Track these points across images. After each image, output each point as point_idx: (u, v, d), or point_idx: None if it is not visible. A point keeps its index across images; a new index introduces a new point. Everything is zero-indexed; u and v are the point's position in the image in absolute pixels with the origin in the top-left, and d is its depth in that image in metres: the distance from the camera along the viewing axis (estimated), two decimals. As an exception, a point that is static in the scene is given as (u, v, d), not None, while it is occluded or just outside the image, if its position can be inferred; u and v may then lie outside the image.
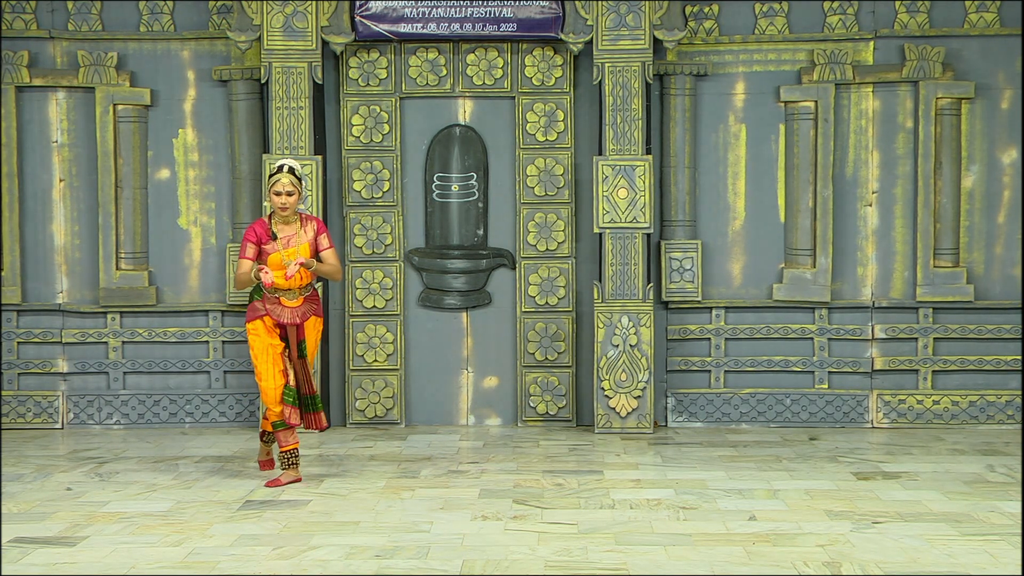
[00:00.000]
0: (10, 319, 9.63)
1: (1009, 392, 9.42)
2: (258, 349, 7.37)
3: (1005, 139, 9.42)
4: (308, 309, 7.41)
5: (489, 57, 9.48)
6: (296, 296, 7.36)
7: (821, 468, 7.85)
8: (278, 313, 7.33)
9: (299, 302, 7.38)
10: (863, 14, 9.44)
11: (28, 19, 9.55)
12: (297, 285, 7.34)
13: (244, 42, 9.20)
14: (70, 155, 9.63)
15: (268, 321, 7.35)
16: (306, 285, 7.40)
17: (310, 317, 7.42)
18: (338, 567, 5.59)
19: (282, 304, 7.34)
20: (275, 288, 7.30)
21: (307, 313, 7.40)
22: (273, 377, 7.35)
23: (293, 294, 7.35)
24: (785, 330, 9.54)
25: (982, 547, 5.85)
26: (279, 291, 7.33)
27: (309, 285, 7.44)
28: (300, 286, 7.36)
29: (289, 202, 7.29)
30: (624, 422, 9.18)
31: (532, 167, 9.52)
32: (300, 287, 7.36)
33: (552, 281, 9.55)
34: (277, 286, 7.29)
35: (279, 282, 7.27)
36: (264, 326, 7.35)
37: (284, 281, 7.28)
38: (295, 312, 7.36)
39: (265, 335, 7.35)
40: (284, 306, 7.35)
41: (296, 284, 7.33)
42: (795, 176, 9.46)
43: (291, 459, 7.43)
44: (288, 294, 7.34)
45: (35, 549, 5.94)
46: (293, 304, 7.36)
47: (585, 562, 5.63)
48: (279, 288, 7.31)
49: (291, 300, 7.35)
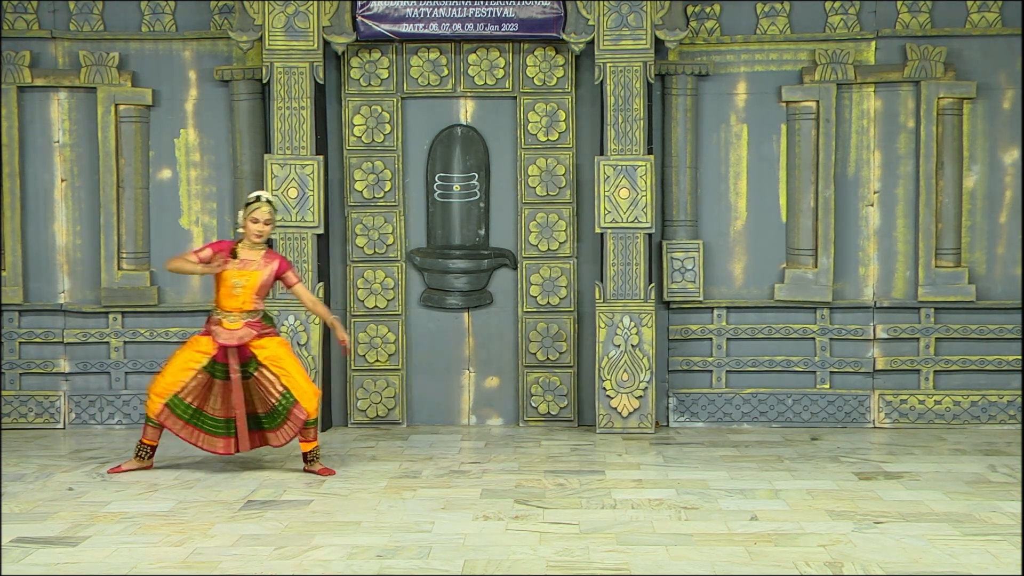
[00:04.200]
0: (12, 319, 9.63)
1: (1011, 392, 9.42)
2: (180, 352, 7.73)
3: (1007, 139, 9.41)
4: (248, 334, 7.64)
5: (491, 57, 9.49)
6: (237, 320, 7.64)
7: (823, 468, 7.85)
8: (218, 333, 7.63)
9: (239, 326, 7.64)
10: (865, 14, 9.43)
11: (30, 19, 9.56)
12: (239, 308, 7.61)
13: (246, 42, 9.21)
14: (72, 155, 9.63)
15: (209, 343, 7.65)
16: (252, 311, 7.66)
17: (251, 340, 7.64)
18: (340, 567, 5.59)
19: (223, 326, 7.64)
20: (220, 309, 7.65)
21: (245, 337, 7.63)
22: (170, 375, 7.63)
23: (234, 318, 7.64)
24: (787, 330, 9.54)
25: (984, 547, 5.85)
26: (223, 312, 7.64)
27: (257, 313, 7.69)
28: (243, 310, 7.62)
29: (265, 231, 7.66)
30: (626, 422, 9.18)
31: (534, 167, 9.52)
32: (243, 311, 7.62)
33: (554, 281, 9.55)
34: (222, 307, 7.63)
35: (224, 303, 7.62)
36: (203, 342, 7.68)
37: (228, 301, 7.61)
38: (232, 334, 7.62)
39: (193, 352, 7.66)
40: (224, 328, 7.63)
41: (239, 307, 7.61)
42: (797, 176, 9.46)
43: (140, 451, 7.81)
44: (229, 317, 7.63)
45: (37, 549, 5.94)
46: (232, 327, 7.63)
47: (586, 562, 5.63)
48: (224, 309, 7.63)
49: (232, 323, 7.64)
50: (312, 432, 7.72)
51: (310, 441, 7.73)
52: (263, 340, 7.67)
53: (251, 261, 7.67)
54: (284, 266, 7.77)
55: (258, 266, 7.68)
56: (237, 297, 7.62)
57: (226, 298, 7.63)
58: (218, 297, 7.68)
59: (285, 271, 7.75)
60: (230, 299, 7.63)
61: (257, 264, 7.68)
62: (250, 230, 7.65)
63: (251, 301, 7.65)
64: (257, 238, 7.66)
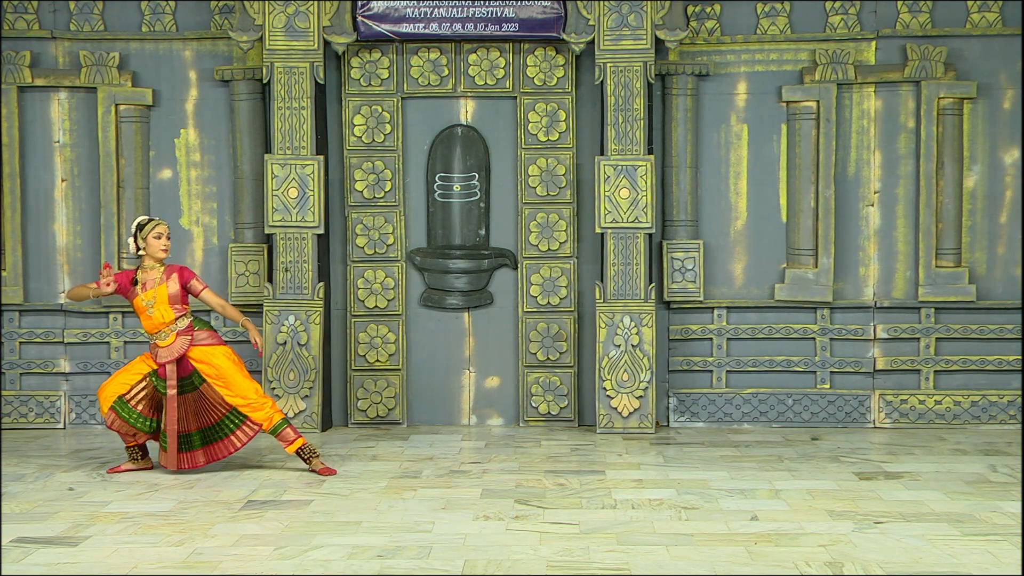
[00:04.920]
0: (12, 319, 9.64)
1: (1011, 392, 9.42)
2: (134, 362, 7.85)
3: (1007, 139, 9.41)
4: (183, 343, 7.69)
5: (491, 57, 9.48)
6: (167, 335, 7.70)
7: (823, 468, 7.85)
8: (158, 355, 7.71)
9: (172, 339, 7.70)
10: (865, 14, 9.43)
11: (30, 19, 9.56)
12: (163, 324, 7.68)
13: (246, 42, 9.21)
14: (72, 155, 9.63)
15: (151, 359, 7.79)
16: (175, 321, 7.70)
17: (189, 348, 7.68)
18: (340, 567, 5.59)
19: (157, 346, 7.72)
20: (149, 334, 7.76)
21: (183, 347, 7.68)
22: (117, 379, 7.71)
23: (164, 334, 7.71)
24: (787, 330, 9.54)
25: (984, 547, 5.85)
26: (152, 335, 7.75)
27: (179, 321, 7.72)
28: (167, 324, 7.68)
29: (168, 245, 7.77)
30: (626, 422, 9.18)
31: (534, 167, 9.52)
32: (167, 325, 7.69)
33: (554, 281, 9.55)
34: (147, 330, 7.75)
35: (146, 326, 7.75)
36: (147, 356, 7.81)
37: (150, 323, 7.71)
38: (170, 350, 7.68)
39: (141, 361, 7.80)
40: (160, 347, 7.71)
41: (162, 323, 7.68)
42: (797, 176, 9.46)
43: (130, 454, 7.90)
44: (159, 335, 7.72)
45: (37, 549, 5.94)
46: (166, 343, 7.70)
47: (587, 562, 5.63)
48: (150, 333, 7.75)
49: (163, 340, 7.71)
50: (289, 433, 7.72)
51: (292, 442, 7.73)
52: (202, 351, 7.68)
53: (152, 280, 7.71)
54: (187, 275, 7.77)
55: (161, 281, 7.71)
56: (154, 316, 7.67)
57: (147, 322, 7.70)
58: (145, 326, 7.75)
59: (189, 280, 7.76)
60: (150, 321, 7.69)
61: (159, 280, 7.71)
62: (155, 247, 7.69)
63: (169, 313, 7.68)
64: (164, 253, 7.71)
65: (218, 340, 7.81)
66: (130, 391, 7.71)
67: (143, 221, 7.76)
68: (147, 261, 7.74)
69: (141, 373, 7.73)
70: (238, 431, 7.69)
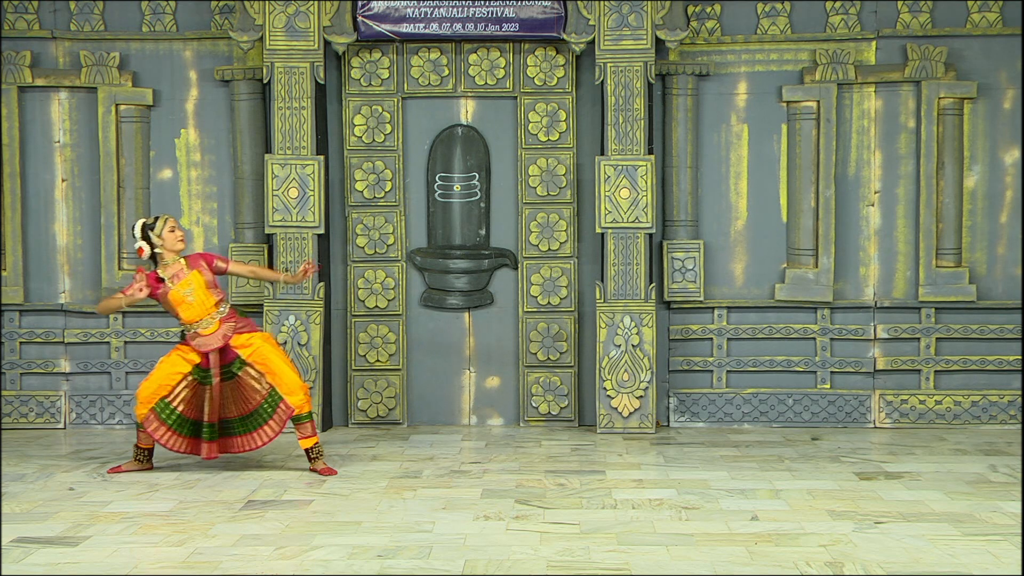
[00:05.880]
0: (12, 319, 9.64)
1: (1011, 392, 9.41)
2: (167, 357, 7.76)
3: (1007, 139, 9.41)
4: (228, 329, 7.69)
5: (491, 57, 9.48)
6: (210, 323, 7.69)
7: (823, 468, 7.85)
8: (200, 344, 7.68)
9: (216, 326, 7.69)
10: (865, 14, 9.43)
11: (30, 19, 9.56)
12: (205, 313, 7.66)
13: (246, 42, 9.21)
14: (72, 155, 9.63)
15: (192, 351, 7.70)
16: (217, 307, 7.70)
17: (233, 336, 7.68)
18: (340, 567, 5.59)
19: (200, 335, 7.69)
20: (189, 324, 7.70)
21: (228, 333, 7.68)
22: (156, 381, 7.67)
23: (206, 322, 7.69)
24: (787, 330, 9.54)
25: (984, 547, 5.85)
26: (193, 325, 7.70)
27: (222, 308, 7.73)
28: (209, 312, 7.67)
29: (183, 236, 7.74)
30: (626, 422, 9.18)
31: (534, 167, 9.52)
32: (209, 312, 7.68)
33: (554, 281, 9.55)
34: (189, 320, 7.68)
35: (188, 316, 7.67)
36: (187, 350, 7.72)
37: (191, 312, 7.66)
38: (213, 337, 7.66)
39: (178, 358, 7.71)
40: (202, 336, 7.69)
41: (205, 312, 7.66)
42: (797, 176, 9.46)
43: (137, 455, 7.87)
44: (201, 323, 7.69)
45: (37, 549, 5.94)
46: (210, 331, 7.68)
47: (587, 562, 5.63)
48: (192, 322, 7.69)
49: (206, 328, 7.69)
50: (308, 427, 7.72)
51: (308, 437, 7.73)
52: (243, 338, 7.69)
53: (180, 271, 7.68)
54: (210, 257, 7.80)
55: (190, 270, 7.69)
56: (195, 304, 7.65)
57: (189, 311, 7.65)
58: (181, 317, 7.70)
59: (212, 261, 7.77)
60: (191, 310, 7.66)
61: (185, 270, 7.69)
62: (172, 240, 7.67)
63: (210, 298, 7.67)
64: (182, 244, 7.70)
65: (256, 327, 7.84)
66: (171, 392, 7.69)
67: (150, 221, 7.72)
68: (167, 257, 7.69)
69: (180, 374, 7.69)
70: (272, 420, 7.67)
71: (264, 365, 7.67)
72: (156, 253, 7.70)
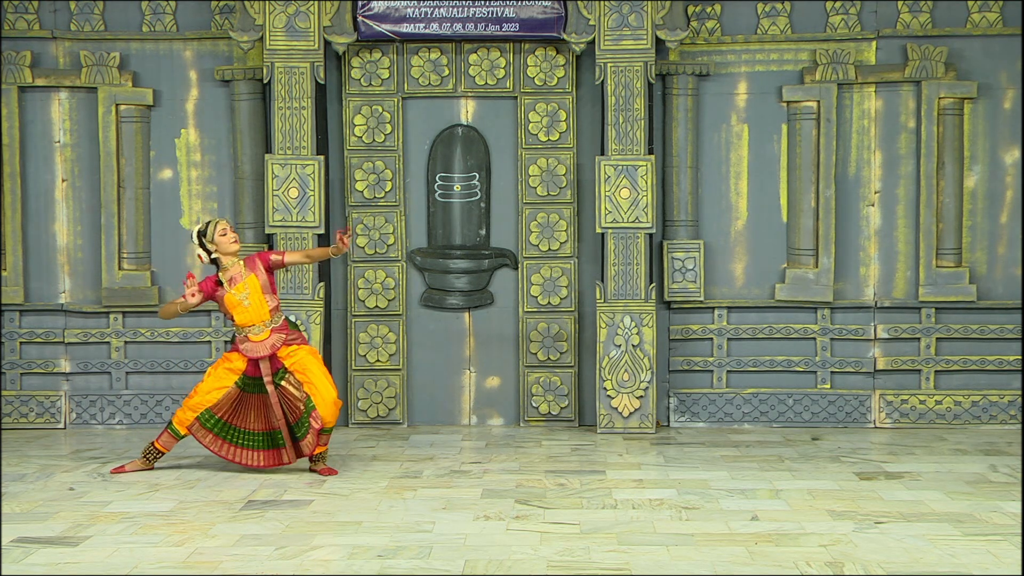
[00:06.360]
0: (12, 319, 9.64)
1: (1011, 392, 9.41)
2: (214, 369, 7.83)
3: (1007, 139, 9.41)
4: (278, 340, 7.72)
5: (491, 57, 9.48)
6: (262, 331, 7.70)
7: (823, 468, 7.85)
8: (248, 349, 7.71)
9: (267, 335, 7.71)
10: (865, 14, 9.43)
11: (31, 19, 9.56)
12: (259, 318, 7.68)
13: (246, 42, 9.21)
14: (72, 155, 9.63)
15: (240, 358, 7.74)
16: (272, 319, 7.73)
17: (281, 347, 7.71)
18: (340, 567, 5.59)
19: (250, 340, 7.72)
20: (241, 327, 7.71)
21: (276, 344, 7.70)
22: (203, 393, 7.76)
23: (258, 329, 7.71)
24: (787, 330, 9.54)
25: (984, 547, 5.85)
26: (245, 329, 7.71)
27: (276, 318, 7.75)
28: (263, 318, 7.69)
29: (237, 237, 7.76)
30: (626, 422, 9.18)
31: (534, 167, 9.52)
32: (263, 319, 7.69)
33: (554, 281, 9.55)
34: (242, 324, 7.70)
35: (242, 319, 7.68)
36: (234, 357, 7.77)
37: (245, 316, 7.67)
38: (263, 344, 7.70)
39: (225, 367, 7.78)
40: (251, 341, 7.71)
41: (259, 317, 7.67)
42: (797, 176, 9.46)
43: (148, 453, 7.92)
44: (253, 330, 7.71)
45: (37, 549, 5.94)
46: (260, 338, 7.71)
47: (587, 562, 5.63)
48: (244, 326, 7.70)
49: (257, 335, 7.71)
50: (325, 438, 7.76)
51: (322, 446, 7.75)
52: (290, 349, 7.71)
53: (238, 274, 7.71)
54: (264, 257, 7.80)
55: (248, 273, 7.71)
56: (250, 309, 7.66)
57: (242, 315, 7.67)
58: (235, 320, 7.72)
59: (269, 259, 7.78)
60: (246, 314, 7.67)
61: (244, 272, 7.71)
62: (226, 244, 7.68)
63: (265, 304, 7.69)
64: (237, 245, 7.72)
65: (306, 341, 7.88)
66: (216, 403, 7.76)
67: (201, 228, 7.74)
68: (225, 260, 7.71)
69: (225, 387, 7.75)
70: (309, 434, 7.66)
71: (303, 374, 7.69)
72: (214, 258, 7.71)
